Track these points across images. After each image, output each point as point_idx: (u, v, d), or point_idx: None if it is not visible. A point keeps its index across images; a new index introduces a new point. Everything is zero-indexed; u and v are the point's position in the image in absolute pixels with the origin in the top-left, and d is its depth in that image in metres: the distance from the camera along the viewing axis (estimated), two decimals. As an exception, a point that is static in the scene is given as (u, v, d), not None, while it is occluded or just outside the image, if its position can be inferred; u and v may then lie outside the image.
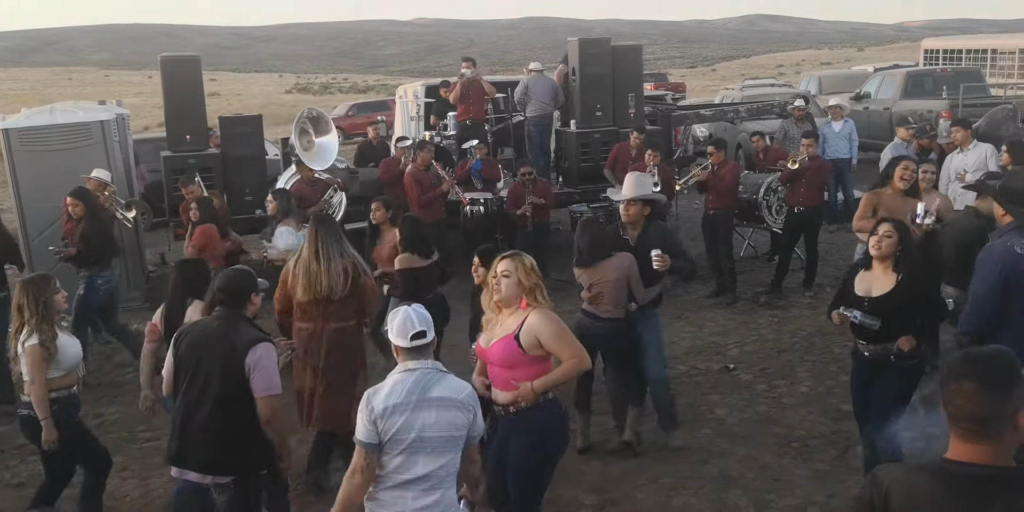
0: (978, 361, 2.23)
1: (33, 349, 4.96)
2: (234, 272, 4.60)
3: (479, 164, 10.92)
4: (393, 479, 3.61)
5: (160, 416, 5.66)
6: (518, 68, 14.82)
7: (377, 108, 30.54)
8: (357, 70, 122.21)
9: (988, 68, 21.41)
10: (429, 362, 3.70)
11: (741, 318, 9.10)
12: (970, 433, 2.19)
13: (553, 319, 4.26)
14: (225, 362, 4.27)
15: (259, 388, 4.25)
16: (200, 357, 4.33)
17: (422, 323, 3.66)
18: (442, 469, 3.64)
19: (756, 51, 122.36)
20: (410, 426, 3.56)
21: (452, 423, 3.62)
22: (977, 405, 2.16)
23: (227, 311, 4.43)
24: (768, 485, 5.54)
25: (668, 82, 41.03)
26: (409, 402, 3.57)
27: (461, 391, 3.68)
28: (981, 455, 2.19)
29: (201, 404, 4.31)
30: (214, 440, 4.28)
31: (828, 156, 12.64)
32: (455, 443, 3.66)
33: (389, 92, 49.08)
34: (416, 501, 3.61)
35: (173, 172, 10.50)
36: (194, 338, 4.41)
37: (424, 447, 3.59)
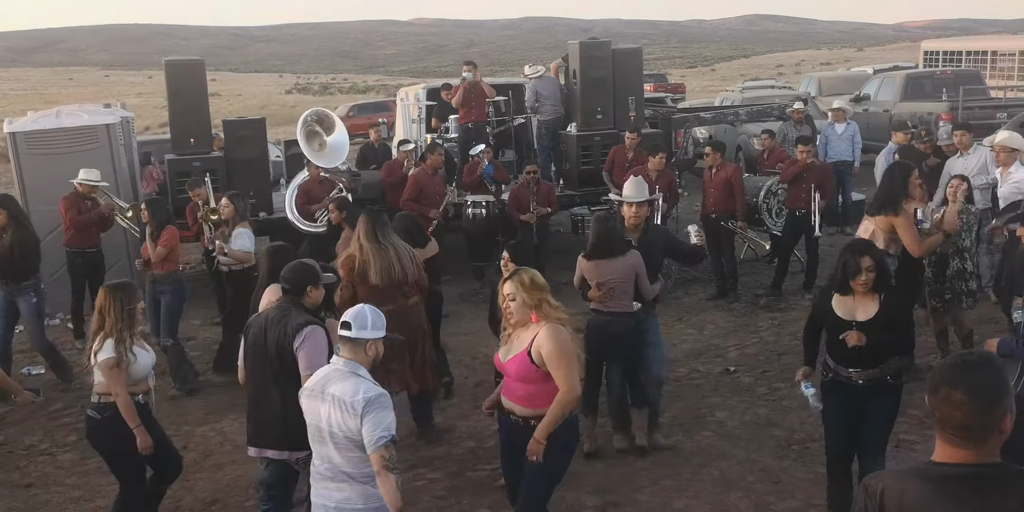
0: (966, 369, 2.25)
1: (108, 362, 4.93)
2: (297, 265, 4.87)
3: (491, 168, 10.98)
4: (317, 469, 3.97)
5: None
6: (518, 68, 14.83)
7: (377, 109, 30.59)
8: (357, 70, 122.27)
9: (988, 70, 21.46)
10: (341, 362, 3.94)
11: (741, 320, 9.16)
12: (957, 440, 2.24)
13: (558, 339, 4.31)
14: (279, 346, 4.59)
15: (302, 367, 4.51)
16: (262, 343, 4.66)
17: (357, 322, 3.90)
18: (357, 464, 3.83)
19: (756, 51, 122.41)
20: (313, 414, 3.92)
21: (341, 423, 3.82)
22: (965, 415, 2.20)
23: (287, 299, 4.76)
24: (768, 487, 5.60)
25: (668, 83, 41.15)
26: (314, 391, 3.94)
27: (355, 394, 3.79)
28: (967, 457, 2.24)
29: (266, 386, 4.66)
30: (280, 419, 4.59)
31: (830, 158, 12.72)
32: (351, 444, 3.81)
33: (389, 93, 49.14)
34: (337, 493, 3.90)
35: (177, 175, 10.57)
36: (257, 326, 4.75)
37: (327, 439, 3.87)
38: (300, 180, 10.37)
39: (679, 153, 13.09)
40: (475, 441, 6.61)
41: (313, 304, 4.82)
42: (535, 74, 12.20)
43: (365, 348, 3.94)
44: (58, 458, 6.82)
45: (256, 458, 4.88)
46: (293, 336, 4.56)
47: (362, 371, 3.92)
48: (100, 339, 4.99)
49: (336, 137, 10.26)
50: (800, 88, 23.26)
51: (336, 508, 3.91)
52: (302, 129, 10.07)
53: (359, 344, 3.93)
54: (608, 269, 5.97)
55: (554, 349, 4.29)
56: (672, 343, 8.49)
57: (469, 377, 7.64)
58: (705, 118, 14.23)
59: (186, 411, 7.56)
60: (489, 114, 12.19)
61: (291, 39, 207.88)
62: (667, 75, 49.42)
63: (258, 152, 11.07)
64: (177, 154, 10.83)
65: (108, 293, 5.05)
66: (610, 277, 5.95)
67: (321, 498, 3.97)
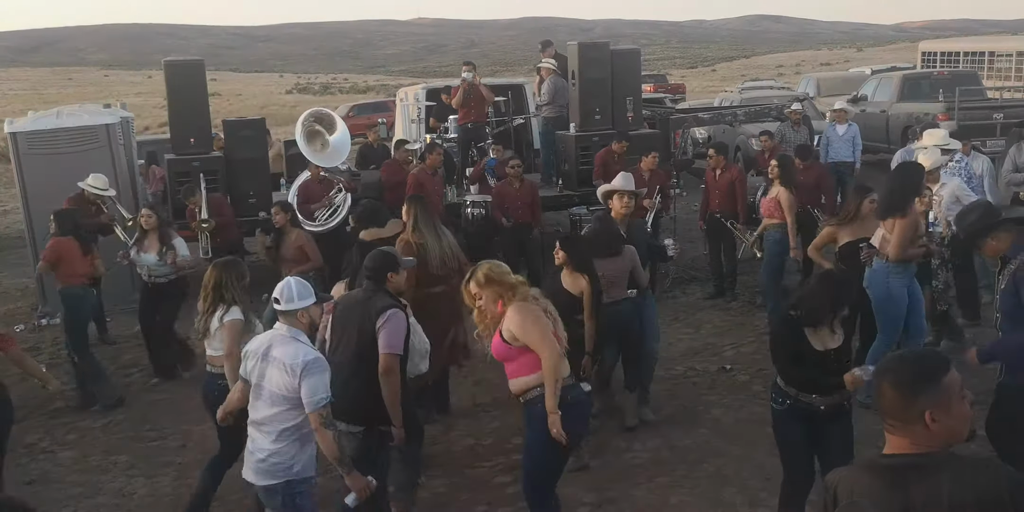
0: (899, 362, 2.45)
1: (235, 323, 5.37)
2: (379, 252, 5.25)
3: (493, 162, 11.02)
4: (251, 415, 4.51)
5: None
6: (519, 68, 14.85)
7: (377, 109, 30.63)
8: (357, 70, 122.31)
9: (985, 70, 21.52)
10: (285, 328, 4.45)
11: (738, 319, 9.21)
12: (888, 427, 2.42)
13: (521, 312, 4.51)
14: (361, 325, 4.89)
15: (382, 345, 4.81)
16: (345, 321, 5.00)
17: (285, 295, 4.43)
18: (276, 419, 4.37)
19: (756, 51, 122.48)
20: (253, 372, 4.46)
21: (278, 381, 4.35)
22: (888, 403, 2.39)
23: (371, 284, 5.04)
24: (762, 484, 5.64)
25: (668, 83, 41.22)
26: (257, 353, 4.46)
27: (296, 357, 4.31)
28: (903, 446, 2.39)
29: (344, 362, 4.91)
30: (350, 392, 4.82)
31: (831, 159, 12.78)
32: (286, 401, 4.34)
33: (389, 93, 49.18)
34: (260, 442, 4.42)
35: (177, 175, 10.62)
36: (343, 306, 5.12)
37: (262, 394, 4.42)
38: (301, 180, 10.41)
39: (677, 153, 13.15)
40: (474, 439, 6.67)
41: (395, 289, 5.11)
42: (550, 66, 12.23)
43: (298, 317, 4.45)
44: (58, 456, 6.88)
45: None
46: (376, 317, 4.84)
47: (302, 337, 4.43)
48: (223, 307, 5.43)
49: (338, 137, 10.29)
50: (799, 89, 23.31)
51: (250, 451, 4.49)
52: (302, 129, 10.11)
53: (291, 314, 4.45)
54: (606, 265, 6.24)
55: (520, 321, 4.48)
56: (669, 342, 8.55)
57: (468, 376, 7.69)
58: (703, 119, 14.30)
59: (184, 409, 7.60)
60: (488, 114, 12.25)
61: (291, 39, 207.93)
62: (668, 75, 49.49)
63: (258, 152, 11.13)
64: (177, 154, 10.88)
65: (222, 270, 5.50)
66: (608, 272, 6.23)
67: (252, 445, 4.49)
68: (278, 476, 4.40)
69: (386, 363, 4.77)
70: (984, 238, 4.84)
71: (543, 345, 4.45)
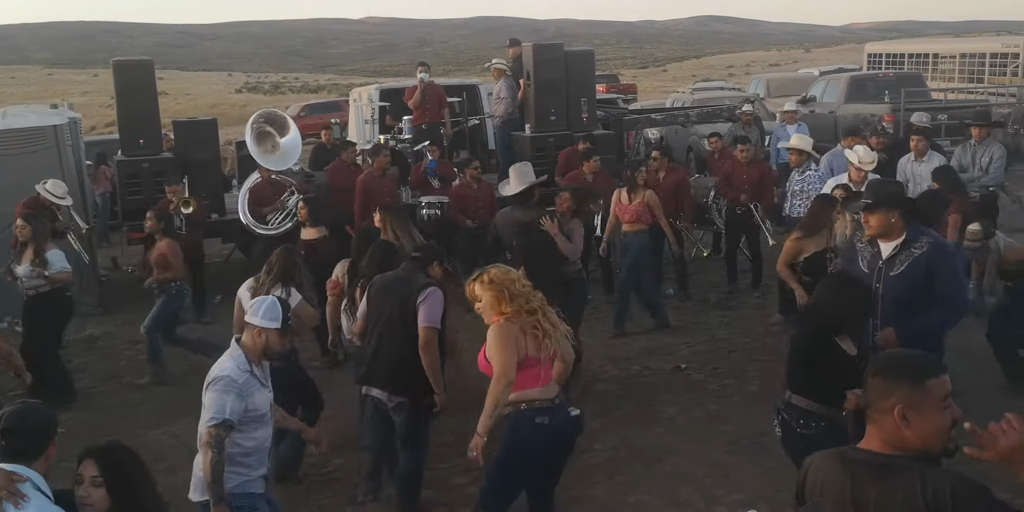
0: (893, 357, 2.63)
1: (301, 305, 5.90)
2: (432, 245, 5.79)
3: (434, 163, 11.00)
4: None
5: None
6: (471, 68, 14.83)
7: (330, 109, 30.38)
8: (308, 69, 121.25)
9: (930, 72, 21.99)
10: (235, 339, 4.40)
11: (692, 319, 9.31)
12: (867, 417, 2.52)
13: (496, 335, 4.42)
14: (403, 300, 5.16)
15: (422, 319, 5.09)
16: (385, 297, 5.24)
17: (254, 309, 4.32)
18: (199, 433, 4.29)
19: (706, 52, 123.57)
20: None
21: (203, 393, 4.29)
22: (870, 392, 2.50)
23: (412, 265, 5.38)
24: (718, 482, 5.73)
25: (620, 83, 41.43)
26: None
27: (212, 372, 4.28)
28: (876, 444, 2.47)
29: (385, 335, 5.18)
30: (393, 364, 5.15)
31: (782, 159, 12.96)
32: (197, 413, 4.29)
33: (341, 92, 48.85)
34: (197, 457, 4.35)
35: (127, 176, 10.47)
36: (382, 283, 5.32)
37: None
38: (251, 182, 10.29)
39: (631, 154, 13.26)
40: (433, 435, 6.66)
41: (434, 277, 5.46)
42: (501, 66, 12.23)
43: (254, 334, 4.28)
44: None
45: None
46: (418, 293, 5.14)
47: (237, 353, 4.28)
48: (284, 289, 5.86)
49: (289, 139, 10.19)
50: (749, 89, 23.63)
51: (197, 472, 4.34)
52: (252, 130, 10.00)
53: (249, 329, 4.30)
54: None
55: (491, 346, 4.46)
56: (624, 341, 8.64)
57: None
58: (656, 120, 14.43)
59: (138, 414, 7.51)
60: (443, 115, 12.23)
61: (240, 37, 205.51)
62: (619, 75, 49.78)
63: (210, 153, 11.00)
64: (126, 155, 10.72)
65: (291, 253, 6.12)
66: None
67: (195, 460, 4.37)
68: (202, 493, 4.26)
69: (426, 336, 5.08)
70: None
71: (498, 372, 4.37)
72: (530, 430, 4.40)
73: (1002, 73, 20.37)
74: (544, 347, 4.40)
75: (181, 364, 8.84)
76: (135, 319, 9.99)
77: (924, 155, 9.24)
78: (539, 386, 4.42)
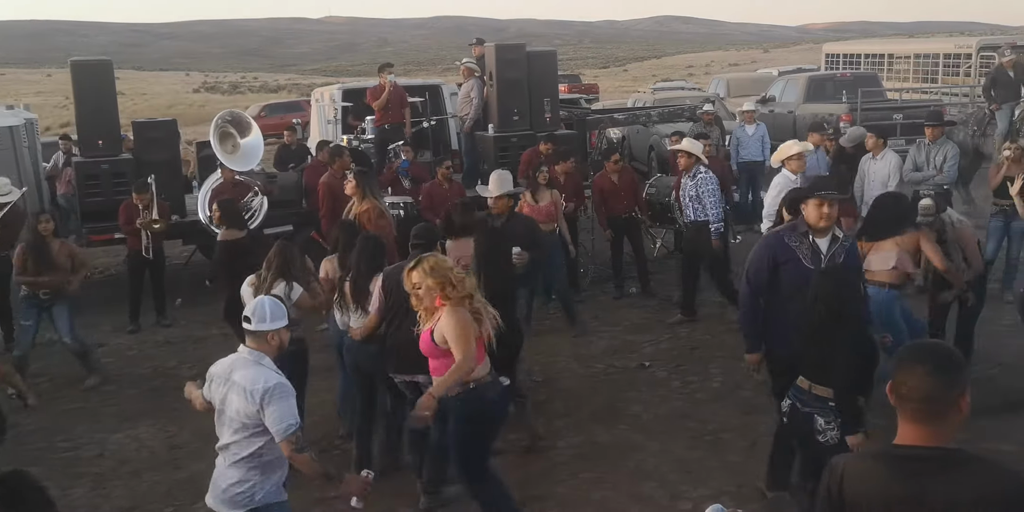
0: (930, 349, 2.49)
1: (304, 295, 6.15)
2: (427, 227, 5.94)
3: (406, 163, 10.98)
4: (218, 446, 4.20)
5: None
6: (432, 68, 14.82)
7: (290, 109, 30.13)
8: (267, 69, 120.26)
9: (885, 72, 22.33)
10: (246, 351, 4.18)
11: (655, 317, 9.39)
12: (920, 413, 2.39)
13: (456, 320, 4.69)
14: None
15: None
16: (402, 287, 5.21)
17: (256, 314, 4.16)
18: (238, 446, 4.09)
19: (667, 52, 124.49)
20: (214, 395, 4.21)
21: (237, 407, 4.06)
22: (928, 386, 2.36)
23: (420, 252, 5.40)
24: (682, 477, 5.79)
25: (581, 83, 41.61)
26: (221, 376, 4.19)
27: (256, 383, 4.03)
28: (927, 437, 2.39)
29: (405, 322, 5.34)
30: (416, 348, 5.08)
31: (742, 158, 13.15)
32: (243, 427, 4.06)
33: (301, 92, 48.56)
34: (227, 470, 4.14)
35: (86, 178, 10.34)
36: (397, 273, 5.37)
37: (224, 420, 4.14)
38: (213, 183, 10.21)
39: (593, 154, 13.32)
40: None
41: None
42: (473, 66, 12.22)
43: (267, 338, 4.16)
44: None
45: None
46: None
47: (265, 360, 4.15)
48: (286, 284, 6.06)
49: (250, 139, 10.12)
50: (710, 89, 23.84)
51: (214, 477, 4.19)
52: (215, 131, 9.92)
53: (260, 335, 4.16)
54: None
55: (452, 330, 4.69)
56: (588, 340, 8.69)
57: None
58: (618, 119, 14.52)
59: (100, 418, 7.44)
60: (404, 115, 12.20)
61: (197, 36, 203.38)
62: (581, 75, 49.97)
63: (169, 154, 10.88)
64: (85, 156, 10.59)
65: (290, 249, 6.25)
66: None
67: (216, 472, 4.22)
68: (240, 506, 4.13)
69: None
70: (799, 204, 5.26)
71: (463, 354, 4.66)
72: (482, 402, 4.85)
73: (955, 73, 20.74)
74: (485, 329, 4.79)
75: (144, 367, 8.77)
76: (96, 322, 9.91)
77: (879, 152, 9.41)
78: (480, 364, 4.80)
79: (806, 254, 5.10)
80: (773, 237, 5.33)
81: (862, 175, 9.47)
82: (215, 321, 9.93)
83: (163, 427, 7.20)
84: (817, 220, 5.12)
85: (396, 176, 10.85)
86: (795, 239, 5.14)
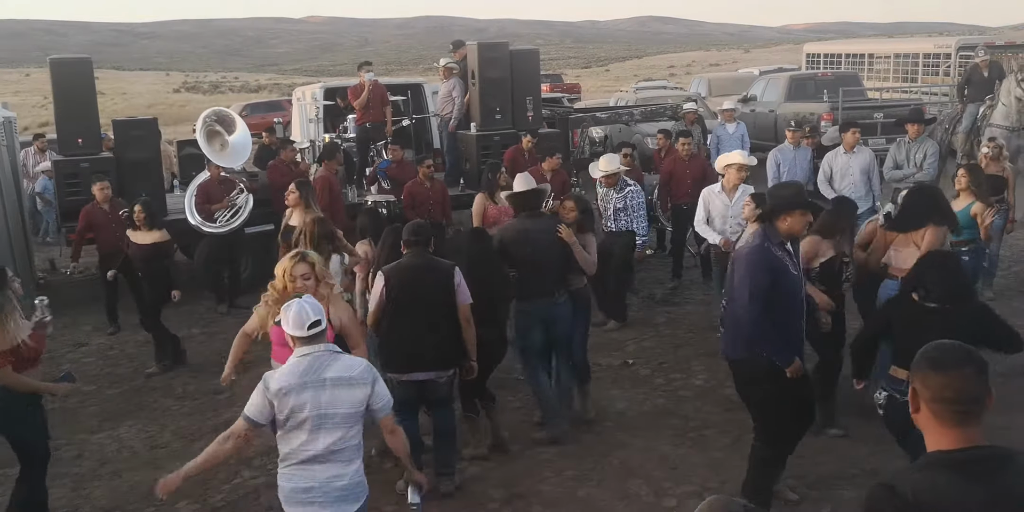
0: (966, 351, 2.43)
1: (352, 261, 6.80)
2: (420, 223, 5.95)
3: (385, 163, 10.94)
4: (300, 455, 3.99)
5: None
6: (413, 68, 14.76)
7: (272, 109, 30.00)
8: (248, 69, 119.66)
9: (866, 72, 22.48)
10: (322, 346, 4.08)
11: (639, 315, 9.40)
12: (968, 415, 2.36)
13: (348, 308, 5.17)
14: (442, 285, 5.52)
15: (462, 298, 5.56)
16: (416, 284, 5.49)
17: (316, 313, 4.05)
18: (342, 442, 4.01)
19: (648, 52, 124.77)
20: (303, 405, 3.94)
21: (348, 400, 4.00)
22: (977, 387, 2.35)
23: (418, 250, 5.63)
24: (666, 474, 5.81)
25: (564, 83, 41.64)
26: (303, 383, 3.95)
27: (355, 368, 4.05)
28: (973, 438, 2.35)
29: (429, 319, 5.47)
30: (443, 342, 5.52)
31: (722, 157, 13.17)
32: (354, 418, 4.03)
33: (282, 92, 48.36)
34: (323, 473, 4.01)
35: (65, 177, 10.25)
36: (407, 272, 5.55)
37: (324, 424, 3.96)
38: (200, 181, 10.18)
39: (576, 153, 13.34)
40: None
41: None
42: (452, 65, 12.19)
43: (325, 334, 4.18)
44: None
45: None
46: (451, 275, 5.56)
47: (335, 348, 4.17)
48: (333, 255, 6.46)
49: (238, 137, 10.09)
50: (691, 89, 23.92)
51: (320, 486, 4.00)
52: (202, 129, 9.88)
53: (321, 334, 4.07)
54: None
55: (350, 316, 5.14)
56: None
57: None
58: (601, 118, 14.54)
59: (79, 419, 7.38)
60: (385, 114, 12.18)
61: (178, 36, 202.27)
62: (562, 75, 50.01)
63: (150, 152, 10.79)
64: (64, 155, 10.50)
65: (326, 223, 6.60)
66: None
67: (300, 481, 4.01)
68: (363, 494, 4.14)
69: (466, 313, 5.60)
70: (780, 215, 5.01)
71: (362, 339, 5.12)
72: None
73: (935, 73, 20.90)
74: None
75: (124, 366, 8.71)
76: (75, 322, 9.84)
77: (853, 148, 9.49)
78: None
79: (788, 263, 5.04)
80: (762, 251, 4.97)
81: (828, 170, 9.53)
82: (197, 321, 9.90)
83: (144, 427, 7.16)
84: (801, 229, 5.13)
85: (376, 177, 10.84)
86: (777, 249, 5.01)
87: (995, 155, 8.89)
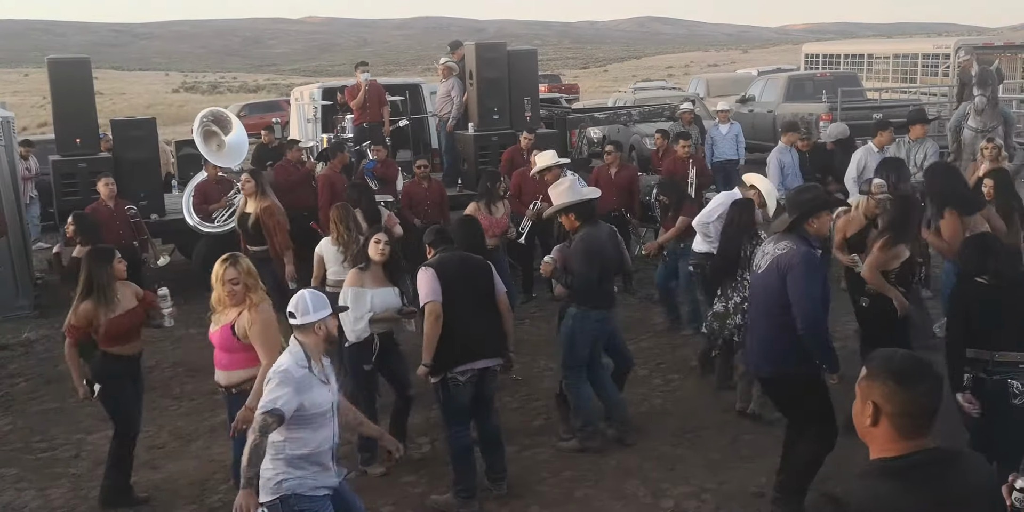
0: (927, 363, 2.41)
1: None
2: (439, 231, 6.05)
3: (371, 163, 10.92)
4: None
5: None
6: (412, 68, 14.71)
7: (270, 109, 30.05)
8: (247, 69, 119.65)
9: (864, 72, 22.48)
10: (292, 341, 4.30)
11: (637, 316, 9.40)
12: (925, 427, 2.36)
13: (264, 316, 5.07)
14: (483, 278, 5.71)
15: (500, 289, 5.77)
16: (465, 279, 5.63)
17: (303, 307, 4.26)
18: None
19: (646, 52, 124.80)
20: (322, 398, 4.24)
21: None
22: (937, 400, 2.36)
23: (448, 246, 5.80)
24: (664, 474, 5.81)
25: (562, 83, 41.67)
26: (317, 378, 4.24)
27: (276, 368, 4.21)
28: (919, 445, 2.35)
29: (480, 308, 5.62)
30: (493, 333, 5.66)
31: (716, 157, 13.20)
32: None
33: (281, 92, 48.37)
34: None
35: (63, 177, 10.25)
36: (453, 265, 5.64)
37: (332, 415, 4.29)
38: (197, 181, 10.20)
39: (574, 153, 13.33)
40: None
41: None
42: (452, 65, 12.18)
43: (314, 330, 4.24)
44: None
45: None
46: (488, 265, 5.79)
47: (295, 349, 4.23)
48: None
49: (234, 137, 10.10)
50: (689, 89, 23.92)
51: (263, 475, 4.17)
52: (199, 129, 9.89)
53: (307, 328, 4.23)
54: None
55: (262, 325, 5.05)
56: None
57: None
58: (599, 118, 14.54)
59: (77, 419, 7.36)
60: (383, 114, 12.17)
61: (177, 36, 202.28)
62: (561, 76, 50.04)
63: (148, 153, 10.79)
64: (63, 155, 10.49)
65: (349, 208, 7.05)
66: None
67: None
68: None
69: (508, 300, 5.86)
70: (808, 219, 4.99)
71: (272, 353, 4.83)
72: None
73: (933, 73, 20.89)
74: None
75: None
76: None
77: (885, 146, 9.37)
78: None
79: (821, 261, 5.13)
80: (812, 254, 4.95)
81: (860, 167, 9.35)
82: (194, 321, 9.87)
83: (141, 428, 7.13)
84: (827, 230, 5.26)
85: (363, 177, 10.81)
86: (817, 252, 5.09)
87: (994, 156, 8.88)
